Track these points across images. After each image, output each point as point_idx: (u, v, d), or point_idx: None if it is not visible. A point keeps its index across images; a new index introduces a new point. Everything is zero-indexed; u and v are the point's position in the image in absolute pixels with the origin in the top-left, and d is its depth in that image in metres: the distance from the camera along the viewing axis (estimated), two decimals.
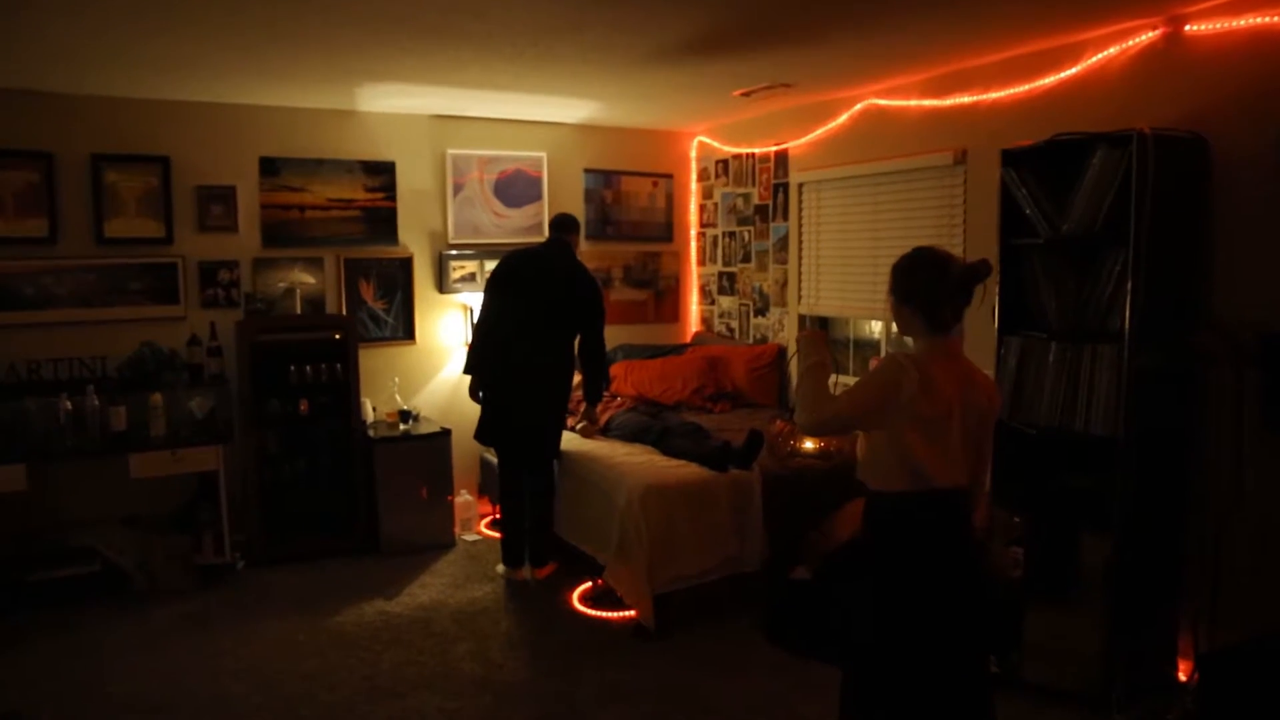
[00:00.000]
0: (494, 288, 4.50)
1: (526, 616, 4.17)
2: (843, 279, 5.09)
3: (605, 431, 4.83)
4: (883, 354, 4.97)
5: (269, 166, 5.04)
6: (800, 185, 5.35)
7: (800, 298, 5.41)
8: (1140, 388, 3.09)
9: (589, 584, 4.35)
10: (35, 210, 4.53)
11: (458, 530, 5.27)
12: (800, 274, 5.41)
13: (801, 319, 5.44)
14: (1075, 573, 3.26)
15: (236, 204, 4.97)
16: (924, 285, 2.30)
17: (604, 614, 4.13)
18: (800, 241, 5.38)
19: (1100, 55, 3.58)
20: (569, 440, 4.73)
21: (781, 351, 5.58)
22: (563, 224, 4.58)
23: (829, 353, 2.49)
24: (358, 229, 5.30)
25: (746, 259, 5.88)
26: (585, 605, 4.25)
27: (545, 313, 4.40)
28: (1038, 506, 3.37)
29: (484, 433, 4.53)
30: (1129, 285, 3.06)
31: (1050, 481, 3.36)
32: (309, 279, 5.16)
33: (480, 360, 4.52)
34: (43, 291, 4.56)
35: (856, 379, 3.32)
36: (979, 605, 2.36)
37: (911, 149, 4.51)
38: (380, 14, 3.26)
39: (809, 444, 4.27)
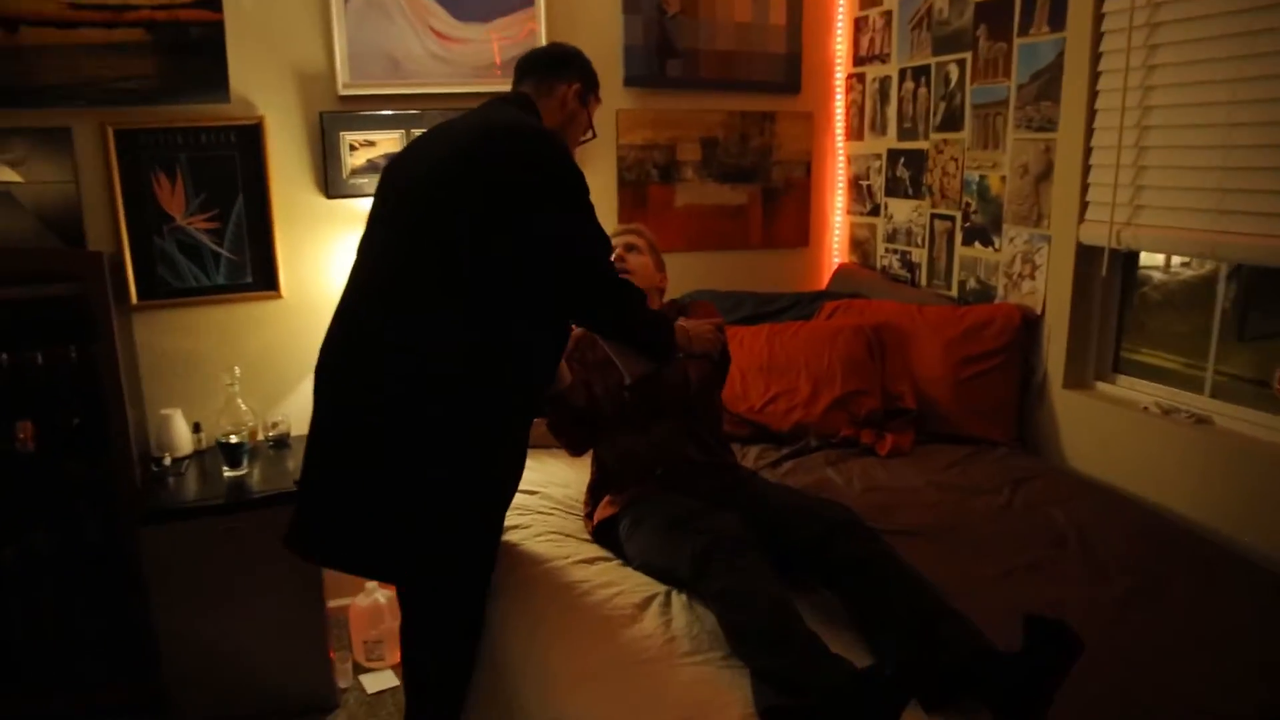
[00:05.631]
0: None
1: None
2: (1208, 164, 2.03)
3: (626, 556, 2.00)
4: None
5: None
6: None
7: (1085, 204, 2.38)
8: None
9: None
10: None
11: (349, 666, 2.70)
12: (1089, 150, 2.36)
13: (1079, 253, 2.42)
14: None
15: None
16: None
17: None
18: (1095, 77, 2.32)
19: None
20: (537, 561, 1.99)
21: (1027, 325, 2.60)
22: (535, 63, 1.99)
23: None
24: (143, 68, 2.58)
25: (952, 124, 2.85)
26: None
27: (418, 241, 1.73)
28: None
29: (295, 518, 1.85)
30: None
31: None
32: (15, 176, 2.53)
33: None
34: None
35: None
36: None
37: None
38: None
39: None
